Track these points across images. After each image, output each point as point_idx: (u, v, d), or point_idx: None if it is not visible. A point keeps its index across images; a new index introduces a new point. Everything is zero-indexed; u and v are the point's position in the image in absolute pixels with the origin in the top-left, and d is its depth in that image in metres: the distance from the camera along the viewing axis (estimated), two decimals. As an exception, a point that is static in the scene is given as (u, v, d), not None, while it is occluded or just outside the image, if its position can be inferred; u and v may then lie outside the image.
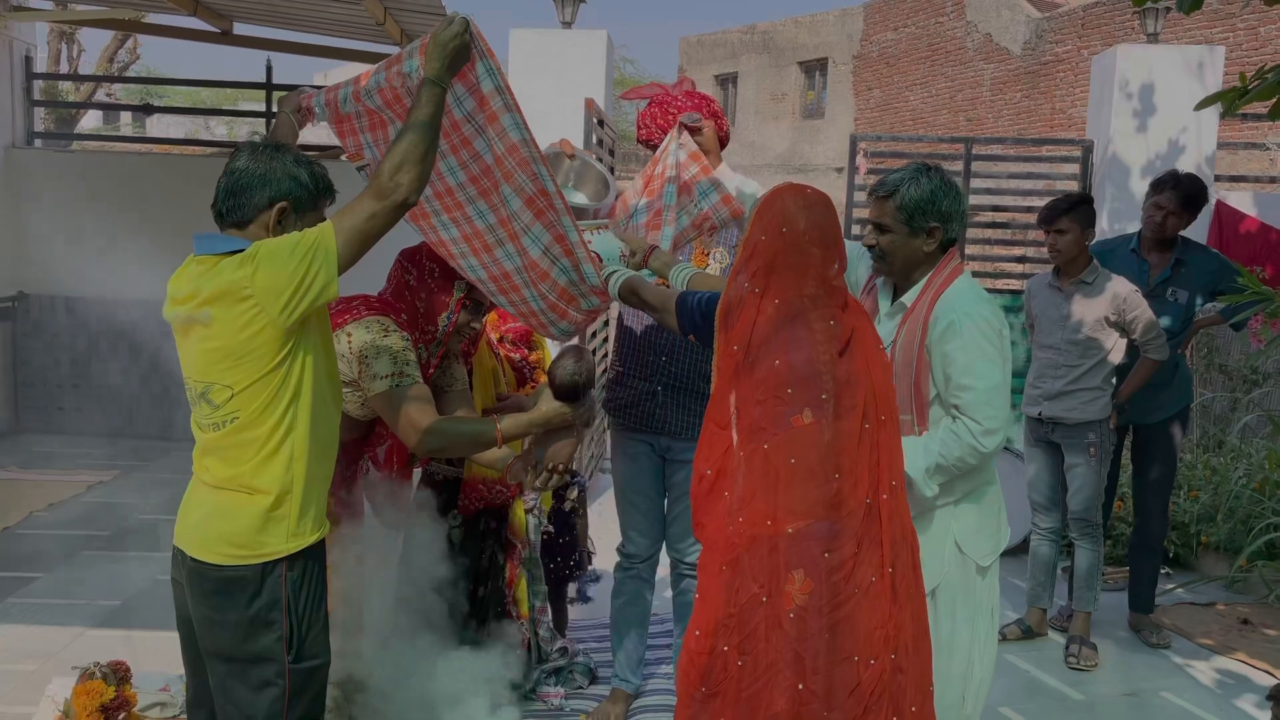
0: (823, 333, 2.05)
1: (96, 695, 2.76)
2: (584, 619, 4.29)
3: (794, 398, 2.02)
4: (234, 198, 2.12)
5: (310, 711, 2.16)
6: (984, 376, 2.53)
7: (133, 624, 4.16)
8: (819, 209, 2.13)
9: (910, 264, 2.68)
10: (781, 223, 2.10)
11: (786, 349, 2.04)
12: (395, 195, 2.03)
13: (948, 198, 2.63)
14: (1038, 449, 4.36)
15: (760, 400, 2.03)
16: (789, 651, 1.95)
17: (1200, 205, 4.32)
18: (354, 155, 2.77)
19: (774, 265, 2.07)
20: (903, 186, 2.63)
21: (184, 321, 2.09)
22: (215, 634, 2.11)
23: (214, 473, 2.12)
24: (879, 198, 2.68)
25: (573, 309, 2.89)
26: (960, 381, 2.54)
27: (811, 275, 2.07)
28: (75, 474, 6.45)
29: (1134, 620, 4.54)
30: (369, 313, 2.71)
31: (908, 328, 2.64)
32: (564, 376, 2.65)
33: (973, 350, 2.54)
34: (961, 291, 2.62)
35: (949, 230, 2.66)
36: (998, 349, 2.57)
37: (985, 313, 2.58)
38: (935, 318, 2.59)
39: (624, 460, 3.45)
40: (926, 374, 2.59)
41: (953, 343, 2.54)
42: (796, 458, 2.00)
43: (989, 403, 2.52)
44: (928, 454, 2.54)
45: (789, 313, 2.06)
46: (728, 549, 2.01)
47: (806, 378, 2.03)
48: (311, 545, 2.16)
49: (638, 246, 2.91)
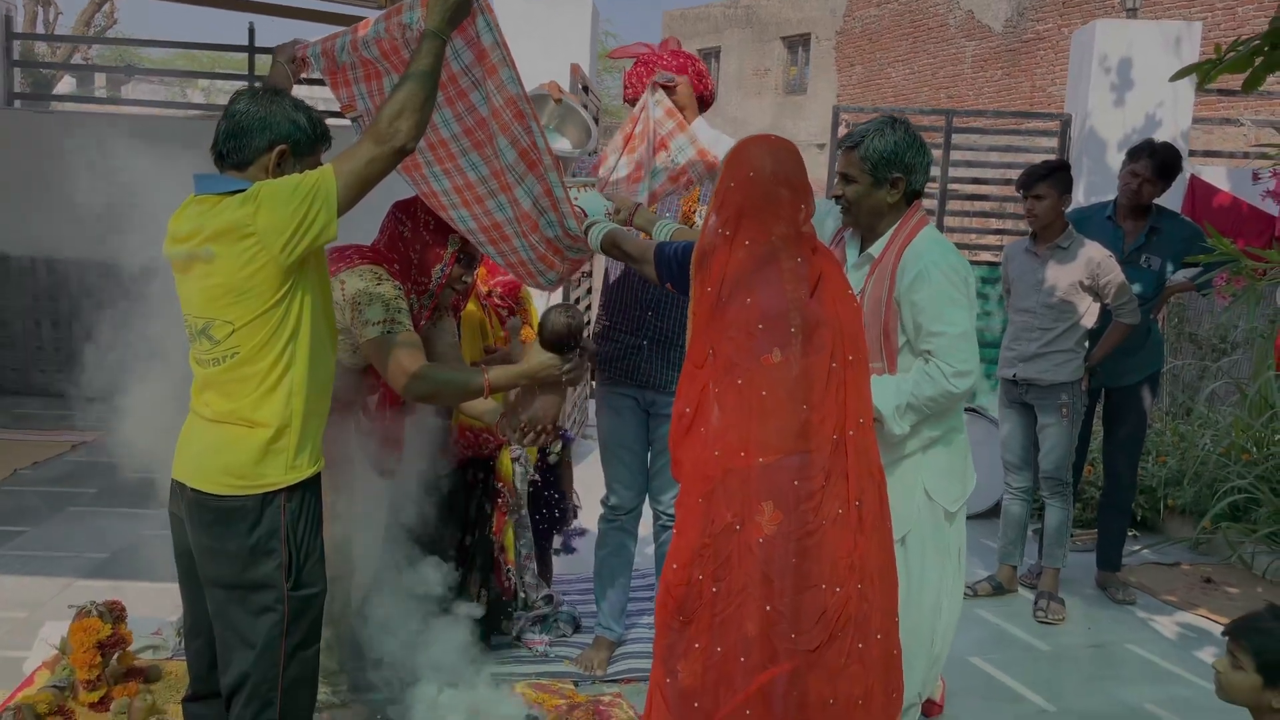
0: (791, 273, 2.13)
1: (93, 632, 2.82)
2: (568, 572, 4.37)
3: (764, 334, 2.10)
4: (234, 139, 2.17)
5: (307, 638, 2.23)
6: (954, 322, 2.62)
7: (121, 575, 4.22)
8: (785, 155, 2.21)
9: (874, 214, 2.76)
10: (749, 168, 2.18)
11: (757, 288, 2.12)
12: (394, 141, 2.09)
13: (911, 150, 2.71)
14: (1011, 410, 4.47)
15: (733, 338, 2.11)
16: (758, 574, 2.04)
17: (1175, 174, 4.42)
18: (347, 106, 2.82)
19: (743, 209, 2.15)
20: (868, 138, 2.71)
21: (185, 259, 2.14)
22: (216, 562, 2.17)
23: (214, 407, 2.18)
24: (846, 149, 2.77)
25: (559, 259, 2.96)
26: (931, 329, 2.62)
27: (780, 218, 2.14)
28: (58, 434, 6.47)
29: (1101, 578, 4.68)
30: (362, 261, 2.77)
31: (875, 278, 2.72)
32: (554, 329, 2.71)
33: (942, 298, 2.63)
34: (927, 241, 2.71)
35: (912, 182, 2.74)
36: (965, 295, 2.66)
37: (952, 260, 2.68)
38: (903, 268, 2.67)
39: (608, 413, 3.52)
40: (895, 322, 2.68)
41: (922, 291, 2.63)
42: (768, 392, 2.08)
43: (959, 347, 2.61)
44: (899, 393, 2.61)
45: (759, 254, 2.14)
46: (704, 482, 2.09)
47: (776, 316, 2.11)
48: (308, 478, 2.23)
49: (623, 204, 2.97)
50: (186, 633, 2.36)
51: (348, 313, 2.69)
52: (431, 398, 2.81)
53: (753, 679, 2.01)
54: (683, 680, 2.06)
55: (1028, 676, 3.76)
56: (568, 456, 4.15)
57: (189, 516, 2.20)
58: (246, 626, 2.16)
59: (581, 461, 5.61)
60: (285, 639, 2.17)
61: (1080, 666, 3.92)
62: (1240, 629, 2.33)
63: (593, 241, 2.78)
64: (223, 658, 2.21)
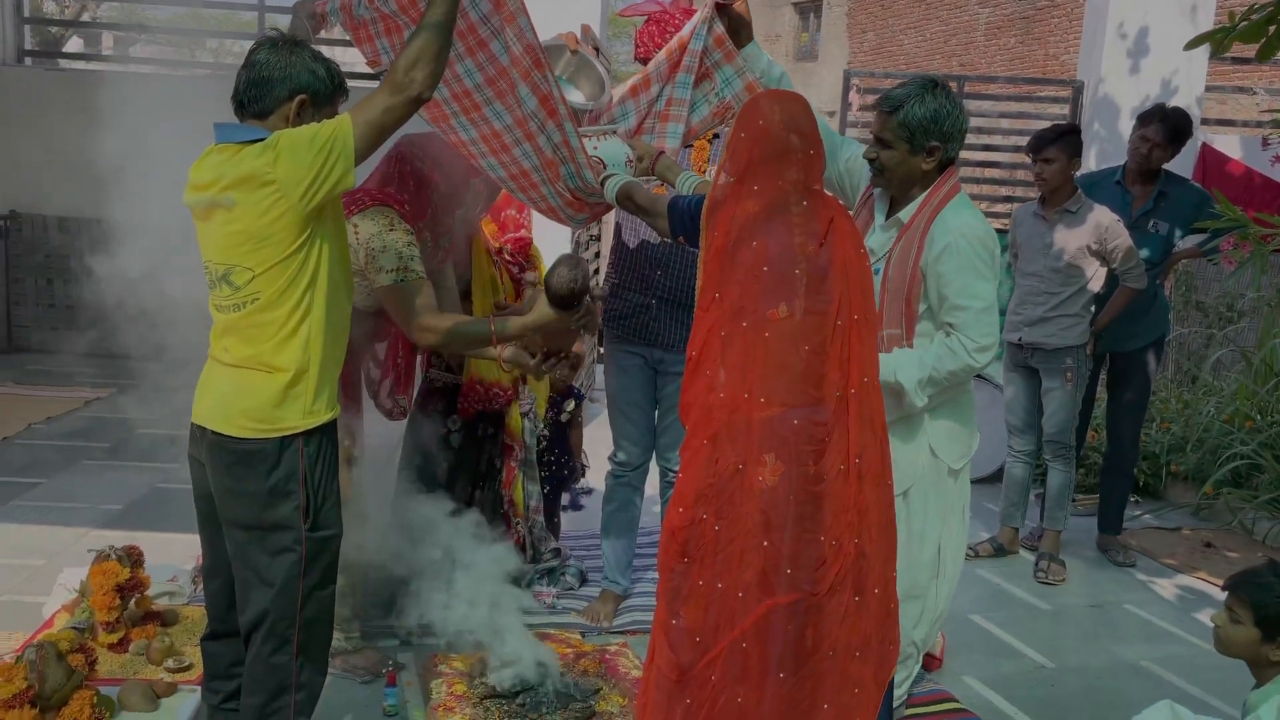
0: (801, 222, 2.15)
1: (113, 575, 2.88)
2: (575, 529, 4.43)
3: (771, 284, 2.12)
4: (255, 88, 2.20)
5: (324, 579, 2.29)
6: (979, 296, 2.61)
7: (136, 526, 4.28)
8: (797, 106, 2.23)
9: (908, 181, 2.72)
10: (759, 117, 2.19)
11: (766, 237, 2.14)
12: (410, 90, 2.11)
13: (950, 117, 2.65)
14: (1016, 374, 4.50)
15: (740, 281, 2.13)
16: (760, 518, 2.08)
17: (1185, 139, 4.42)
18: (372, 61, 2.83)
19: (753, 157, 2.17)
20: (908, 103, 2.65)
21: (206, 206, 2.17)
22: (236, 504, 2.23)
23: (234, 352, 2.23)
24: (883, 112, 2.70)
25: (584, 205, 2.99)
26: (957, 301, 2.62)
27: (790, 165, 2.16)
28: (71, 390, 6.53)
29: (1101, 541, 4.73)
30: (373, 203, 2.81)
31: (903, 243, 2.71)
32: (559, 285, 2.70)
33: (969, 271, 2.61)
34: (959, 211, 2.68)
35: (949, 150, 2.70)
36: (991, 269, 2.65)
37: (980, 232, 2.66)
38: (932, 237, 2.65)
39: (616, 371, 3.56)
40: (919, 290, 2.67)
41: (950, 263, 2.61)
42: (773, 345, 2.11)
43: (983, 321, 2.61)
44: (921, 366, 2.62)
45: (768, 202, 2.15)
46: (709, 425, 2.13)
47: (783, 262, 2.13)
48: (325, 423, 2.27)
49: (645, 152, 2.91)
50: (206, 573, 2.42)
51: (361, 256, 2.74)
52: (442, 345, 2.86)
53: (750, 613, 2.06)
54: (685, 620, 2.11)
55: (1027, 634, 3.82)
56: (579, 415, 4.20)
57: (209, 459, 2.25)
58: (265, 566, 2.22)
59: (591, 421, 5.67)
60: (303, 579, 2.23)
61: (1079, 625, 3.98)
62: (1240, 583, 2.37)
63: (608, 194, 2.79)
64: (241, 596, 2.27)
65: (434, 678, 3.05)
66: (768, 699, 2.06)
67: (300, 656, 2.26)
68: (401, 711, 2.99)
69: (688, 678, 2.10)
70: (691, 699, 2.09)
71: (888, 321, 2.70)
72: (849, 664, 2.10)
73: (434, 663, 3.14)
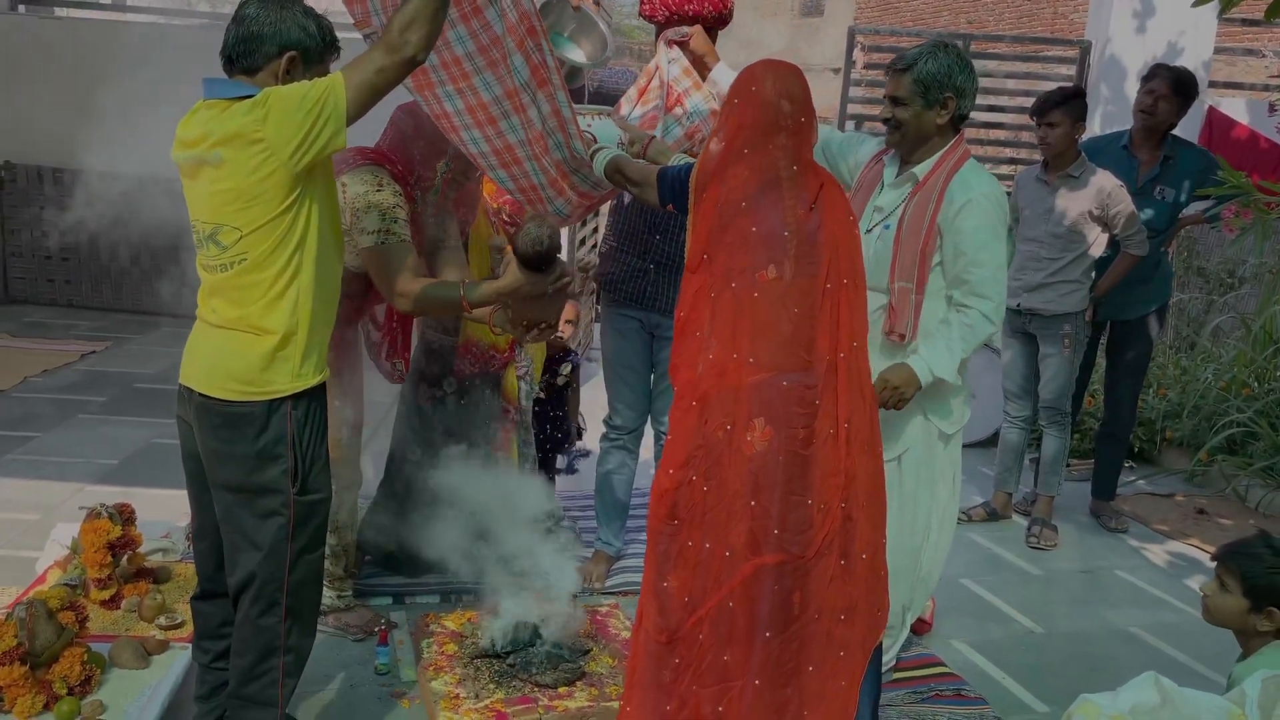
0: (790, 184, 2.15)
1: (104, 533, 2.88)
2: (571, 491, 4.44)
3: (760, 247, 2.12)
4: (244, 44, 2.16)
5: (311, 542, 2.29)
6: (996, 253, 2.73)
7: (131, 482, 4.29)
8: (789, 73, 2.23)
9: (922, 136, 2.82)
10: (751, 84, 2.20)
11: (755, 198, 2.14)
12: (404, 51, 2.07)
13: (961, 73, 2.77)
14: (1014, 339, 4.48)
15: (729, 243, 2.13)
16: (749, 480, 2.09)
17: (1192, 94, 4.34)
18: (361, 22, 2.76)
19: (744, 122, 2.17)
20: (920, 60, 2.78)
21: (193, 163, 2.14)
22: (224, 466, 2.21)
23: (221, 313, 2.20)
24: (896, 71, 2.82)
25: (568, 186, 2.94)
26: (975, 257, 2.72)
27: (781, 131, 2.15)
28: (67, 343, 6.52)
29: (1094, 506, 4.74)
30: (363, 161, 2.77)
31: (919, 199, 2.78)
32: (525, 246, 2.55)
33: (986, 229, 2.72)
34: (977, 172, 2.81)
35: (961, 105, 2.80)
36: (1004, 229, 2.77)
37: (999, 194, 2.78)
38: (951, 194, 2.74)
39: (613, 335, 3.54)
40: (933, 246, 2.75)
41: (971, 219, 2.71)
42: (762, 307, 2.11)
43: (997, 279, 2.73)
44: (951, 353, 2.72)
45: (758, 165, 2.15)
46: (698, 387, 2.13)
47: (772, 224, 2.13)
48: (313, 387, 2.25)
49: (637, 137, 2.96)
50: (194, 534, 2.42)
51: (348, 217, 2.71)
52: (415, 310, 2.79)
53: (738, 572, 2.07)
54: (674, 582, 2.12)
55: (1018, 599, 3.85)
56: (575, 380, 4.19)
57: (197, 421, 2.24)
58: (253, 529, 2.22)
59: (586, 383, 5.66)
60: (291, 542, 2.23)
61: (1070, 591, 4.00)
62: (1230, 553, 2.38)
63: (597, 166, 2.78)
64: (230, 559, 2.27)
65: (425, 637, 3.06)
66: (754, 659, 2.08)
67: (289, 619, 2.26)
68: (393, 670, 3.01)
69: (676, 638, 2.11)
70: (680, 658, 2.11)
71: (899, 275, 2.78)
72: (835, 627, 2.11)
73: (426, 622, 3.16)
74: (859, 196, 2.98)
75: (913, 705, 3.00)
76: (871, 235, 2.87)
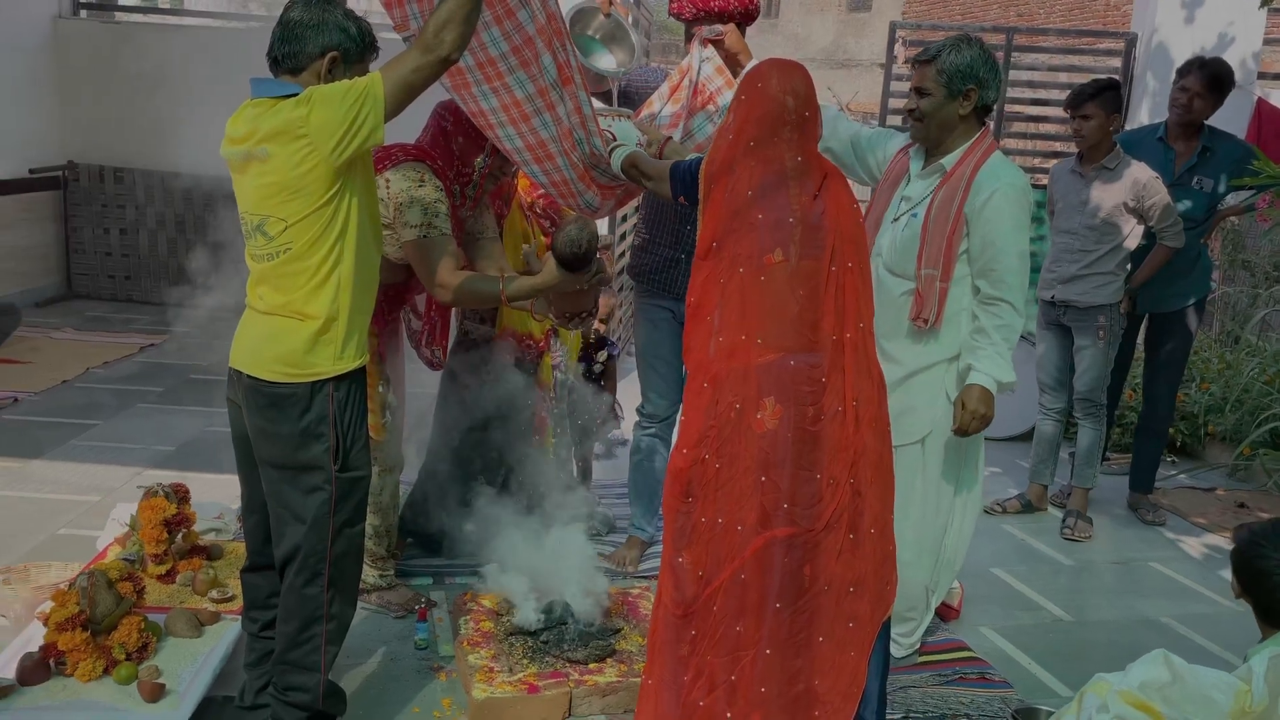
0: (795, 174, 2.23)
1: (160, 510, 3.04)
2: (606, 479, 4.55)
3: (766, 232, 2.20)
4: (288, 45, 2.29)
5: (353, 517, 2.41)
6: (1020, 243, 2.82)
7: (187, 466, 4.47)
8: (795, 71, 2.32)
9: (945, 127, 2.90)
10: (757, 81, 2.29)
11: (761, 187, 2.23)
12: (439, 51, 2.18)
13: (985, 65, 2.86)
14: (1049, 331, 4.49)
15: (737, 230, 2.22)
16: (759, 456, 2.17)
17: (1226, 89, 4.33)
18: (400, 26, 2.89)
19: (750, 116, 2.26)
20: (944, 52, 2.87)
21: (241, 158, 2.27)
22: (270, 444, 2.35)
23: (267, 300, 2.33)
24: (921, 63, 2.91)
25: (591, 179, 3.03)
26: (1002, 246, 2.80)
27: (786, 125, 2.24)
28: (127, 336, 6.76)
29: (1132, 499, 4.73)
30: (406, 158, 2.89)
31: (946, 189, 2.86)
32: (562, 246, 2.68)
33: (1014, 219, 2.81)
34: (1004, 164, 2.89)
35: (984, 96, 2.87)
36: (1028, 218, 2.86)
37: (1025, 185, 2.86)
38: (979, 185, 2.82)
39: (645, 325, 3.63)
40: (960, 233, 2.83)
41: (999, 209, 2.80)
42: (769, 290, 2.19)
43: (1021, 269, 2.82)
44: (1003, 356, 2.80)
45: (764, 157, 2.24)
46: (709, 368, 2.22)
47: (778, 211, 2.21)
48: (354, 369, 2.38)
49: (654, 138, 3.06)
50: (244, 509, 2.55)
51: (391, 211, 2.83)
52: (455, 302, 2.94)
53: (750, 545, 2.15)
54: (689, 557, 2.21)
55: (1048, 588, 3.87)
56: (612, 367, 4.29)
57: (245, 402, 2.37)
58: (297, 504, 2.34)
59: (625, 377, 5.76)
60: (333, 516, 2.35)
61: (1102, 581, 4.01)
62: None
63: (614, 163, 2.88)
64: (276, 532, 2.40)
65: (463, 614, 3.18)
66: (765, 629, 2.16)
67: (331, 589, 2.39)
68: (431, 645, 3.14)
69: (691, 611, 2.20)
70: (696, 630, 2.20)
71: (926, 262, 2.86)
72: (844, 599, 2.19)
73: (463, 600, 3.28)
74: (886, 187, 3.05)
75: (936, 687, 3.05)
76: (899, 224, 2.94)
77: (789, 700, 2.19)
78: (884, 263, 2.96)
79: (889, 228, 2.98)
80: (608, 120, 2.97)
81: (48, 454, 4.57)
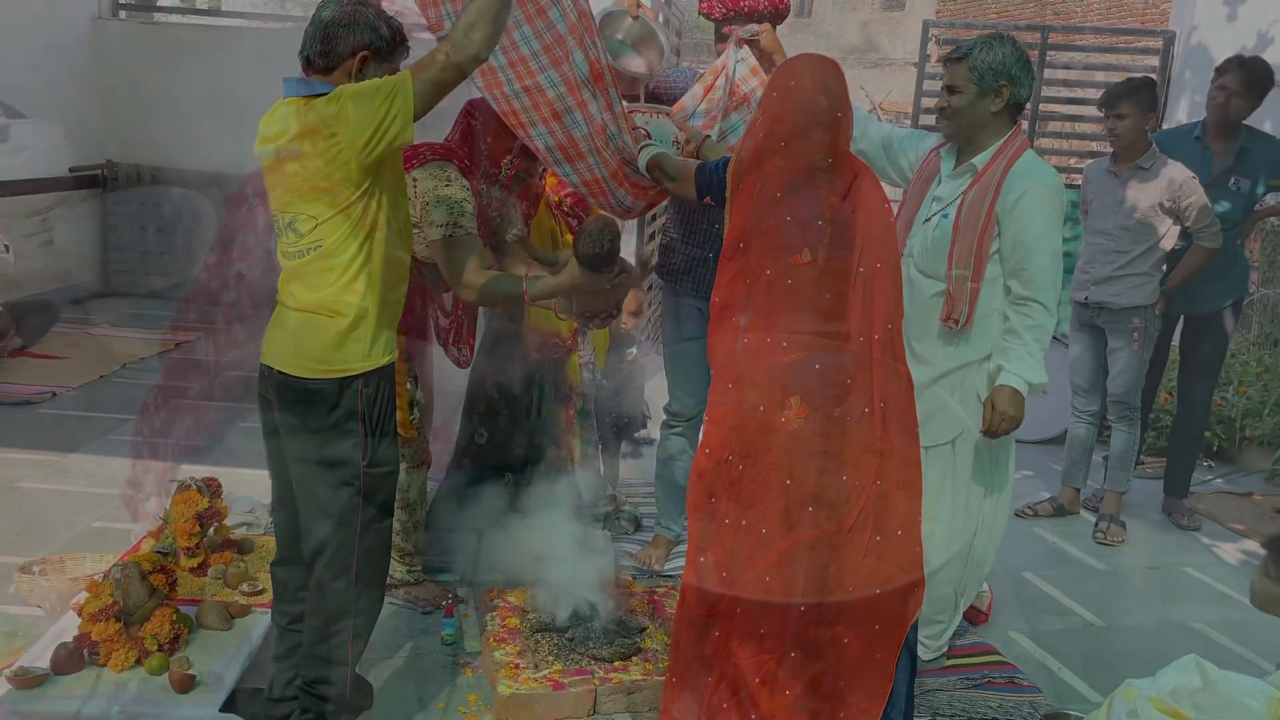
0: (825, 174, 2.21)
1: (193, 504, 3.08)
2: (634, 478, 4.55)
3: (795, 233, 2.19)
4: (320, 45, 2.31)
5: (381, 511, 2.43)
6: (1053, 242, 2.79)
7: (219, 462, 4.52)
8: (827, 68, 2.30)
9: (977, 125, 2.88)
10: (790, 78, 2.28)
11: (790, 187, 2.21)
12: (468, 50, 2.19)
13: (1017, 63, 2.84)
14: (1082, 333, 4.44)
15: (765, 230, 2.21)
16: (784, 458, 2.16)
17: (1266, 88, 4.26)
18: (435, 26, 2.90)
19: (782, 115, 2.24)
20: (976, 50, 2.85)
21: (273, 157, 2.29)
22: (299, 439, 2.37)
23: (298, 297, 2.36)
24: (953, 60, 2.89)
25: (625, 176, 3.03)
26: (1033, 245, 2.78)
27: (817, 124, 2.22)
28: (163, 333, 6.84)
29: (1167, 503, 4.67)
30: (434, 157, 2.90)
31: (978, 189, 2.84)
32: (585, 248, 2.64)
33: (1047, 219, 2.79)
34: (1036, 162, 2.87)
35: (1016, 93, 2.85)
36: (1061, 218, 2.83)
37: (1057, 184, 2.84)
38: (1010, 184, 2.80)
39: (674, 324, 3.63)
40: (991, 233, 2.81)
41: (1030, 208, 2.77)
42: (795, 288, 2.18)
43: (1054, 269, 2.79)
44: (1034, 357, 2.78)
45: (795, 156, 2.23)
46: (734, 369, 2.21)
47: (807, 212, 2.20)
48: (383, 366, 2.39)
49: (692, 135, 3.05)
50: (274, 504, 2.58)
51: (418, 210, 2.85)
52: (479, 301, 2.95)
53: (774, 548, 2.14)
54: (712, 557, 2.20)
55: (1079, 593, 3.83)
56: (638, 366, 4.29)
57: (276, 397, 2.40)
58: (326, 498, 2.36)
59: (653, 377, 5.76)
60: (361, 511, 2.37)
61: (1135, 586, 3.96)
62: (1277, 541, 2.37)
63: (640, 162, 2.88)
64: (305, 526, 2.42)
65: (489, 611, 3.19)
66: (790, 631, 2.14)
67: (359, 583, 2.41)
68: (458, 641, 3.15)
69: (715, 612, 2.19)
70: (719, 630, 2.19)
71: (957, 262, 2.84)
72: (871, 601, 2.17)
73: (490, 597, 3.29)
74: (917, 188, 3.03)
75: (964, 691, 3.03)
76: (930, 224, 2.92)
77: (815, 702, 2.18)
78: (915, 264, 2.94)
79: (920, 228, 2.96)
80: (645, 118, 2.96)
81: (84, 448, 4.64)
